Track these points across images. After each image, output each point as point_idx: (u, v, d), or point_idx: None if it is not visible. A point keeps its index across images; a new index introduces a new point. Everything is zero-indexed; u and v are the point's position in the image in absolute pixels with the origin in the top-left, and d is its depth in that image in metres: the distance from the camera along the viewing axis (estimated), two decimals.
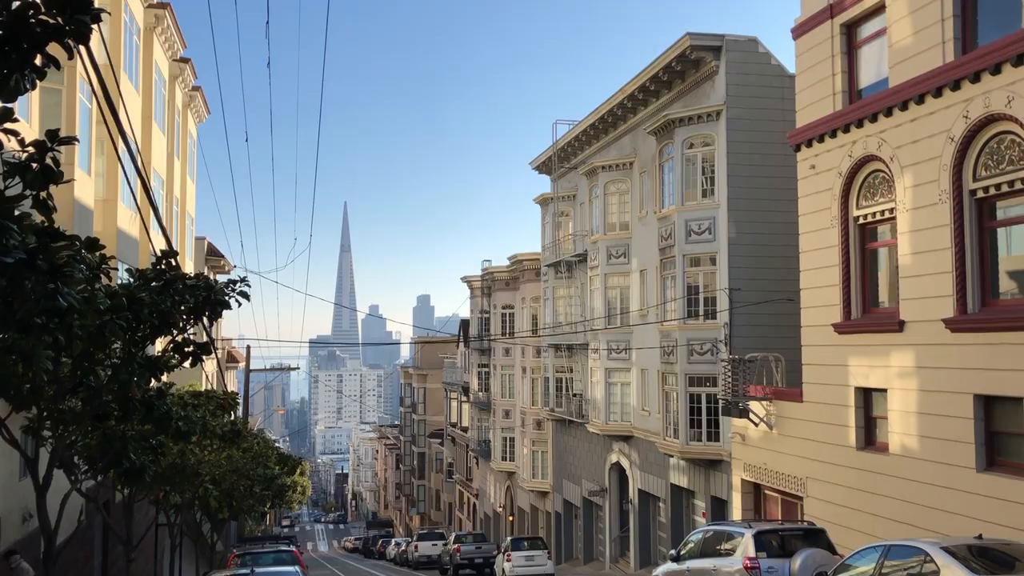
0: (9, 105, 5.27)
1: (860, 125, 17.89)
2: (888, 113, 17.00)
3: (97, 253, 7.89)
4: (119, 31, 24.03)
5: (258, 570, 16.29)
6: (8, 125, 5.28)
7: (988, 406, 14.79)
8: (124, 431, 12.29)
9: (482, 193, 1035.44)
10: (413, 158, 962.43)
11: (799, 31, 20.25)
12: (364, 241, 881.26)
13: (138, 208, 22.49)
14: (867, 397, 18.02)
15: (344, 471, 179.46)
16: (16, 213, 5.55)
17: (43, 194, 5.61)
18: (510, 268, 48.75)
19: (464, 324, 61.52)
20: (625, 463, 32.28)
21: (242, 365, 46.65)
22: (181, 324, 10.34)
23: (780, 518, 20.59)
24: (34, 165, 5.52)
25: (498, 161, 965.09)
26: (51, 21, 4.93)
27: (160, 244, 14.44)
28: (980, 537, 11.45)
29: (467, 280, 56.97)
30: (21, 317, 6.33)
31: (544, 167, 42.18)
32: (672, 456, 27.39)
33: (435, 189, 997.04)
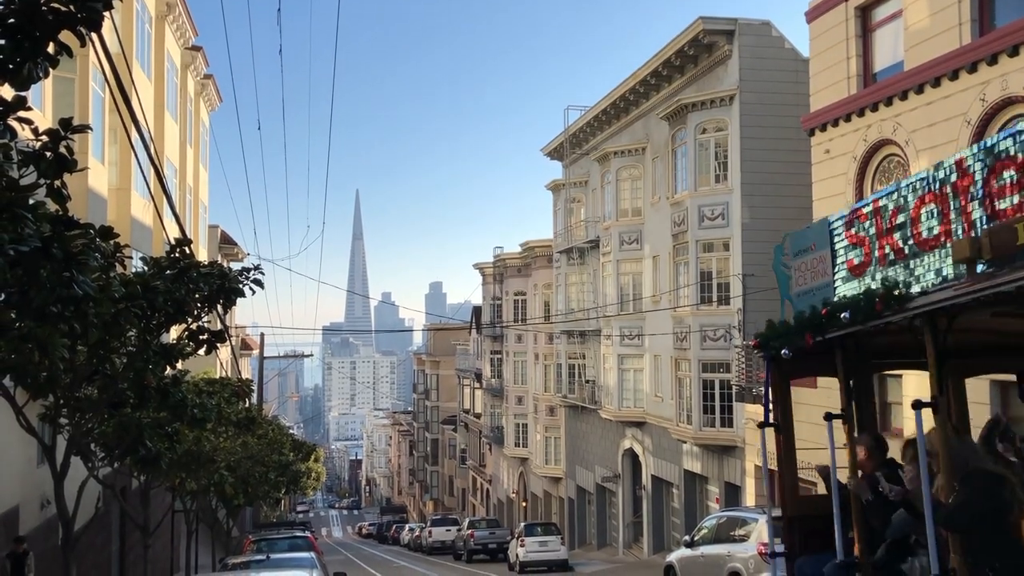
0: (22, 94, 5.27)
1: (875, 109, 17.75)
2: (903, 97, 16.85)
3: (111, 241, 7.90)
4: (131, 19, 24.05)
5: (274, 556, 16.36)
6: (22, 114, 5.27)
7: (1004, 391, 14.69)
8: (140, 419, 12.34)
9: (494, 180, 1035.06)
10: (425, 145, 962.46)
11: (813, 14, 20.07)
12: (376, 228, 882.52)
13: (151, 196, 22.56)
14: (881, 382, 17.93)
15: (358, 457, 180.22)
16: (31, 202, 5.56)
17: (57, 183, 5.61)
18: (522, 255, 48.70)
19: (476, 311, 61.56)
20: (638, 449, 32.29)
21: (256, 352, 46.86)
22: (196, 312, 10.35)
23: None
24: (48, 154, 5.52)
25: (510, 148, 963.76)
26: (63, 8, 4.92)
27: (174, 232, 14.49)
28: None
29: (479, 267, 56.96)
30: (37, 305, 6.34)
31: (556, 153, 42.05)
32: (685, 442, 27.38)
33: (447, 176, 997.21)
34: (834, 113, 19.02)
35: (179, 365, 11.48)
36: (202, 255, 35.21)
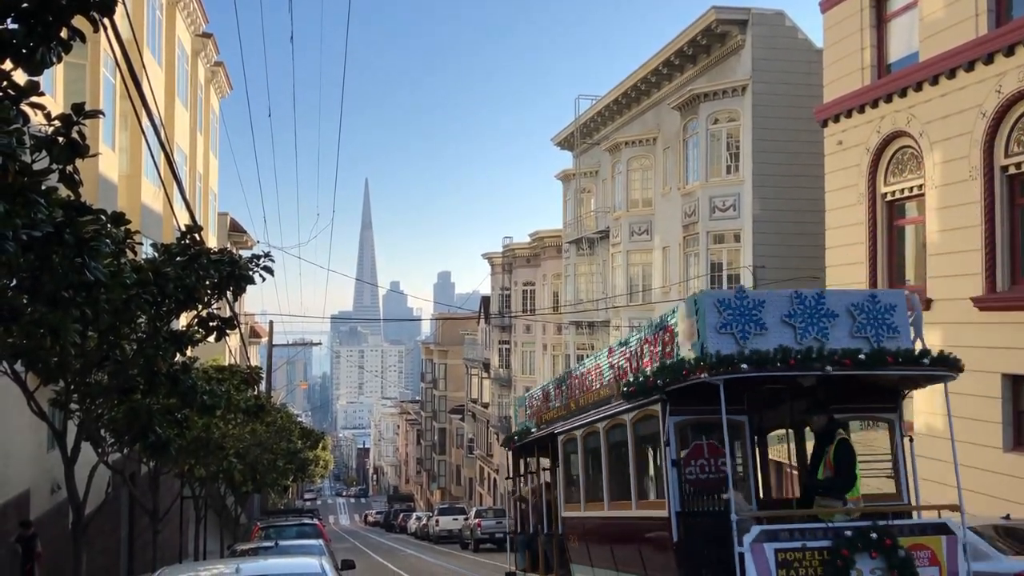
0: (35, 79, 5.26)
1: (889, 100, 17.62)
2: (918, 88, 16.72)
3: (122, 228, 7.90)
4: (142, 5, 24.04)
5: (282, 542, 16.40)
6: (34, 99, 5.25)
7: (1016, 386, 14.62)
8: (150, 405, 12.36)
9: (504, 169, 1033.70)
10: (435, 135, 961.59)
11: (827, 4, 19.92)
12: (385, 217, 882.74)
13: (162, 183, 22.59)
14: None
15: (366, 446, 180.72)
16: (43, 187, 5.55)
17: (69, 168, 5.59)
18: (531, 245, 48.63)
19: (485, 301, 61.56)
20: None
21: (265, 340, 46.97)
22: (206, 299, 10.36)
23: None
24: (60, 139, 5.50)
25: (520, 137, 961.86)
26: None
27: (184, 219, 14.48)
28: (1008, 517, 11.33)
29: (488, 257, 56.93)
30: (49, 291, 6.35)
31: (566, 143, 41.93)
32: None
33: (456, 165, 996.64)
34: (847, 104, 18.89)
35: (189, 352, 11.49)
36: (212, 242, 35.23)
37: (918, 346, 8.56)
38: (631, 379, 9.40)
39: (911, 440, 9.40)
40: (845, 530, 7.72)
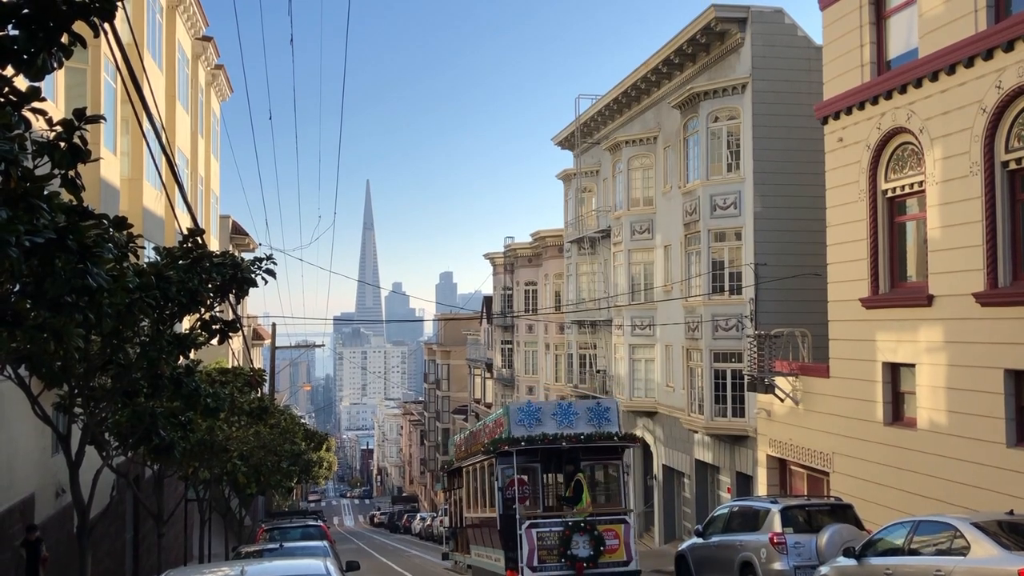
0: (36, 84, 5.28)
1: (889, 97, 17.61)
2: (918, 84, 16.71)
3: (125, 232, 7.93)
4: (142, 9, 24.07)
5: (287, 544, 16.44)
6: (36, 104, 5.28)
7: (1019, 381, 14.61)
8: (154, 408, 12.40)
9: (505, 170, 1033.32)
10: (436, 136, 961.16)
11: (826, 1, 19.92)
12: (387, 219, 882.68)
13: (164, 187, 22.61)
14: (895, 372, 17.86)
15: (369, 447, 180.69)
16: (45, 192, 5.57)
17: (71, 173, 5.62)
18: (533, 245, 48.63)
19: (487, 301, 61.55)
20: (649, 439, 32.28)
21: (268, 342, 46.98)
22: (208, 302, 10.39)
23: (806, 494, 20.53)
24: (62, 144, 5.52)
25: (521, 137, 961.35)
26: None
27: (186, 222, 14.50)
28: (1011, 513, 11.33)
29: (490, 257, 56.92)
30: (52, 296, 6.38)
31: (567, 142, 41.93)
32: (697, 432, 27.35)
33: (458, 167, 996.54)
34: (847, 101, 18.89)
35: (192, 355, 11.52)
36: (214, 245, 35.25)
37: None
38: (486, 443, 17.47)
39: (629, 474, 19.78)
40: (569, 522, 15.70)
